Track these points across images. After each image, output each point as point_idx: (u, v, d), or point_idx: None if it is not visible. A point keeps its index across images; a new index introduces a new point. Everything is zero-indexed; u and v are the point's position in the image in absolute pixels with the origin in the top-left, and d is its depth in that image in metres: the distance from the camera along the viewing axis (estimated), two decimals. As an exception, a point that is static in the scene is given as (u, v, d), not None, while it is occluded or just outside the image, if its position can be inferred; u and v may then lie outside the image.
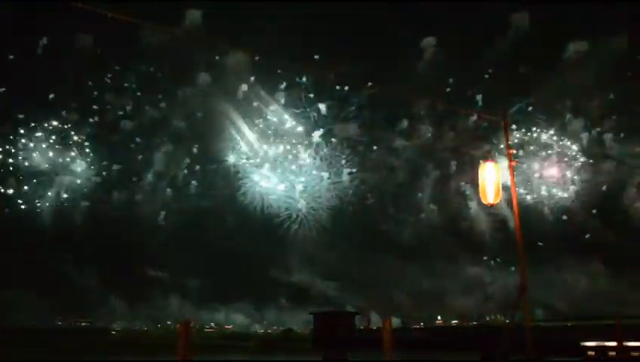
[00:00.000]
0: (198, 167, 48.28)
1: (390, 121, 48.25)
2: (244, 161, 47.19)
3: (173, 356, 13.75)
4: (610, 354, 24.17)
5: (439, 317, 48.11)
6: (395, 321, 46.04)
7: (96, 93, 45.91)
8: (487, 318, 45.38)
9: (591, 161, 44.08)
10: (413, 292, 47.36)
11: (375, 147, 48.37)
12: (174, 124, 47.72)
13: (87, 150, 45.86)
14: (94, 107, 46.06)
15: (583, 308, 43.71)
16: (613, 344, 24.61)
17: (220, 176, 48.01)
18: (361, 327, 38.42)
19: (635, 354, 24.80)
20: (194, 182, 48.53)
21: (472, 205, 46.81)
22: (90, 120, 46.07)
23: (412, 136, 48.19)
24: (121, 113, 46.90)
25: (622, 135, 44.05)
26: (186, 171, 48.35)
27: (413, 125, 48.03)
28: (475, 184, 42.57)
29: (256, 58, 46.30)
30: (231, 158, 47.28)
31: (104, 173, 46.59)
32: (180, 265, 47.85)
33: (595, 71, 43.69)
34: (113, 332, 47.33)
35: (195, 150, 48.03)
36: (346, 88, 47.12)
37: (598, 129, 44.23)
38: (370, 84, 46.84)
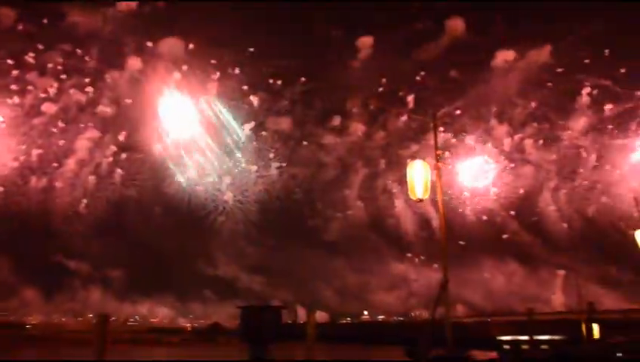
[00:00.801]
0: (124, 155, 46.79)
1: (322, 117, 48.63)
2: (172, 151, 46.23)
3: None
4: (523, 348, 25.46)
5: (365, 313, 48.97)
6: (323, 316, 46.51)
7: (16, 72, 43.61)
8: (413, 314, 46.59)
9: (512, 165, 46.38)
10: (339, 287, 47.96)
11: (305, 142, 48.61)
12: (100, 109, 45.94)
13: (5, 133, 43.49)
14: (13, 87, 43.78)
15: (501, 304, 45.84)
16: (526, 338, 25.97)
17: (146, 165, 46.77)
18: (289, 321, 38.54)
19: (545, 346, 26.24)
20: (119, 170, 47.01)
21: (399, 203, 47.94)
22: (9, 101, 43.67)
23: (343, 133, 48.81)
24: (43, 95, 44.74)
25: (541, 142, 46.68)
26: (111, 159, 46.73)
27: (345, 122, 48.66)
28: (402, 183, 44.05)
29: (191, 46, 45.90)
30: (158, 148, 46.19)
31: (22, 157, 44.33)
32: (102, 256, 46.17)
33: (520, 80, 46.02)
34: (28, 326, 44.90)
35: (121, 137, 46.49)
36: (279, 82, 47.20)
37: (520, 135, 46.63)
38: (303, 79, 47.21)
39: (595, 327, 25.20)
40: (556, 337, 28.46)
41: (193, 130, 46.32)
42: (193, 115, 46.18)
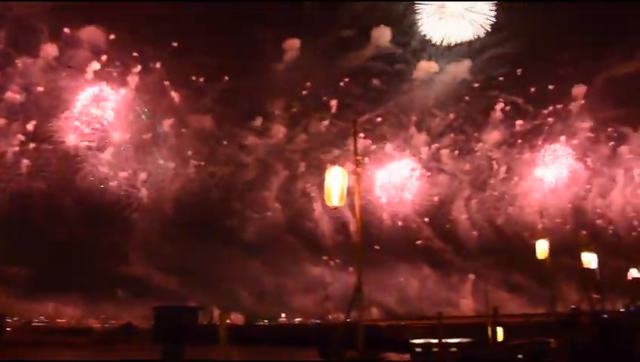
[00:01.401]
0: (32, 145, 44.39)
1: (244, 117, 48.41)
2: (86, 143, 44.46)
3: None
4: (434, 350, 26.51)
5: (283, 315, 49.10)
6: (240, 318, 46.23)
7: None
8: (330, 316, 47.18)
9: (428, 173, 48.18)
10: (256, 289, 47.84)
11: (225, 142, 48.19)
12: (9, 96, 43.39)
13: None
14: None
15: (414, 308, 47.40)
16: (437, 341, 27.08)
17: (56, 157, 44.63)
18: (205, 323, 37.95)
19: (454, 349, 27.48)
20: (25, 161, 44.51)
21: (317, 207, 48.49)
22: None
23: (265, 134, 48.79)
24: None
25: (456, 152, 48.88)
26: (17, 148, 44.22)
27: (267, 124, 48.67)
28: (320, 187, 44.59)
29: (112, 36, 44.36)
30: (71, 139, 44.25)
31: None
32: (3, 251, 43.41)
33: (439, 92, 48.02)
34: None
35: (30, 127, 44.09)
36: (202, 80, 46.58)
37: (437, 145, 48.57)
38: (227, 78, 46.82)
39: (500, 330, 26.64)
40: (464, 340, 29.79)
41: (110, 122, 44.82)
42: (110, 108, 44.70)
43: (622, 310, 29.66)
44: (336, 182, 16.73)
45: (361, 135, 43.02)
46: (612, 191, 48.54)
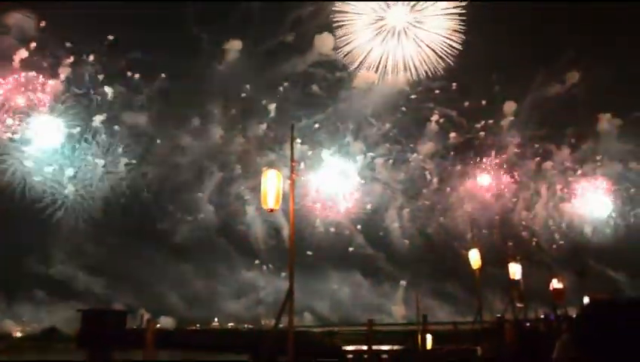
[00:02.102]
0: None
1: (180, 117, 47.71)
2: (8, 135, 42.55)
3: None
4: (364, 357, 26.96)
5: (216, 320, 48.51)
6: (170, 322, 45.25)
7: None
8: (262, 321, 47.10)
9: (362, 181, 49.06)
10: (187, 293, 47.07)
11: (159, 141, 47.34)
12: None
13: None
14: None
15: (346, 314, 48.03)
16: (367, 347, 27.60)
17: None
18: (133, 327, 36.96)
19: (384, 356, 28.06)
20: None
21: (250, 210, 48.38)
22: None
23: (201, 135, 48.26)
24: None
25: (391, 161, 50.03)
26: None
27: (204, 125, 48.18)
28: (255, 190, 44.69)
29: (43, 23, 42.68)
30: (-8, 130, 42.29)
31: None
32: None
33: (377, 102, 49.10)
34: None
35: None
36: (137, 76, 45.63)
37: (372, 154, 49.55)
38: (163, 75, 46.06)
39: (429, 338, 27.44)
40: (395, 347, 30.47)
41: (36, 114, 43.10)
42: (37, 99, 43.00)
43: (542, 317, 31.28)
44: (272, 184, 17.03)
45: (298, 140, 43.56)
46: (536, 205, 51.02)
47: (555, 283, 35.24)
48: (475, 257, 30.28)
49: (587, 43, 45.35)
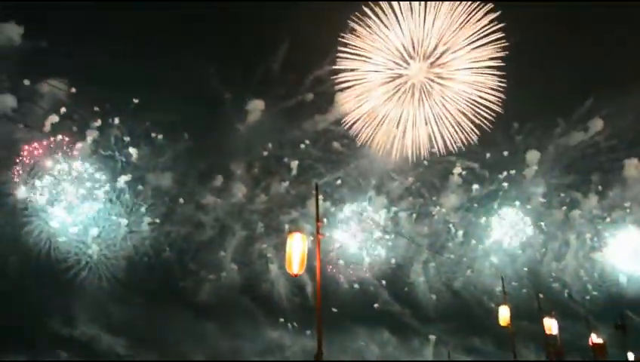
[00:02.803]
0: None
1: (203, 176, 48.80)
2: (35, 196, 43.85)
3: None
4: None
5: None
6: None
7: None
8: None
9: (386, 236, 49.18)
10: (211, 353, 46.89)
11: (182, 200, 48.26)
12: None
13: None
14: None
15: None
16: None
17: (3, 209, 43.79)
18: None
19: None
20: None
21: (273, 268, 48.61)
22: None
23: (223, 194, 49.18)
24: None
25: (414, 216, 50.22)
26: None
27: (227, 183, 49.15)
28: (278, 248, 45.05)
29: (73, 89, 44.66)
30: (21, 192, 43.63)
31: None
32: None
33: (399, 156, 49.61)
34: None
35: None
36: (161, 137, 47.06)
37: (395, 208, 49.82)
38: (187, 136, 47.45)
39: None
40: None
41: (62, 176, 44.50)
42: (65, 161, 44.53)
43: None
44: (297, 248, 17.28)
45: (320, 197, 44.06)
46: (566, 255, 50.43)
47: (595, 338, 34.44)
48: (504, 314, 29.98)
49: (609, 91, 45.84)
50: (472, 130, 45.85)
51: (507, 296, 35.55)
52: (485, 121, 45.59)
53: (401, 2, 44.53)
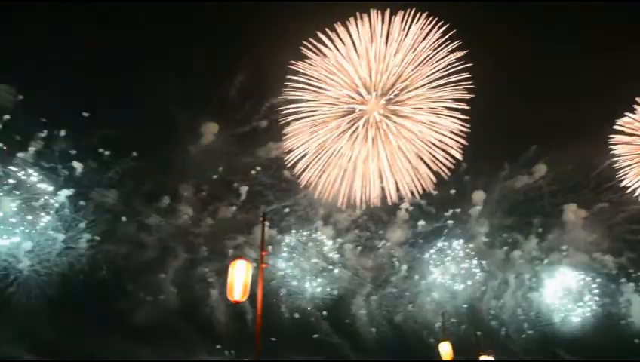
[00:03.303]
0: None
1: (149, 195, 48.23)
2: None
3: None
4: None
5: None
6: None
7: None
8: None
9: (330, 267, 49.65)
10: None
11: (125, 218, 47.50)
12: None
13: None
14: None
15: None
16: None
17: None
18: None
19: None
20: None
21: (214, 293, 48.25)
22: None
23: (169, 215, 48.72)
24: None
25: (359, 248, 51.03)
26: None
27: (173, 205, 48.76)
28: (220, 273, 44.74)
29: (20, 97, 43.59)
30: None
31: None
32: None
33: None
34: None
35: None
36: (108, 153, 46.42)
37: (341, 240, 50.52)
38: (135, 153, 46.95)
39: None
40: None
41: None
42: (2, 170, 43.24)
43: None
44: (239, 276, 17.59)
45: (267, 224, 44.24)
46: (505, 294, 52.17)
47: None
48: (446, 350, 30.75)
49: (554, 138, 48.27)
50: (429, 176, 46.67)
51: (447, 331, 36.60)
52: (444, 168, 46.57)
53: (360, 30, 44.62)
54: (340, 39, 44.91)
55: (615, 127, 48.07)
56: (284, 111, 45.95)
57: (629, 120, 48.20)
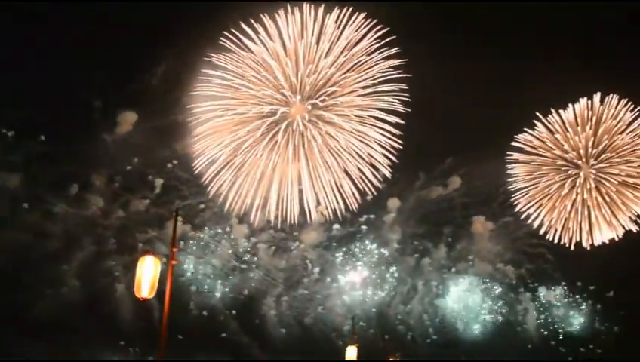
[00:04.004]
0: None
1: (57, 183, 46.40)
2: None
3: None
4: None
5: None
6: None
7: None
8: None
9: (242, 266, 49.79)
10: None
11: (27, 205, 45.51)
12: None
13: None
14: None
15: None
16: None
17: None
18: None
19: None
20: None
21: (120, 288, 47.13)
22: None
23: (77, 204, 47.06)
24: None
25: (273, 249, 51.47)
26: None
27: (83, 194, 47.16)
28: (128, 267, 43.78)
29: None
30: None
31: None
32: None
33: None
34: None
35: None
36: (11, 134, 44.38)
37: (255, 239, 50.81)
38: (43, 137, 45.11)
39: None
40: None
41: None
42: None
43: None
44: (148, 272, 17.40)
45: (180, 219, 43.68)
46: (412, 300, 54.26)
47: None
48: (351, 355, 31.54)
49: (469, 152, 50.62)
50: (352, 193, 47.21)
51: (356, 335, 37.59)
52: (370, 186, 47.32)
53: (290, 24, 43.41)
54: (268, 33, 44.47)
55: (513, 143, 51.87)
56: (198, 109, 45.35)
57: (530, 137, 51.48)
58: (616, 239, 51.29)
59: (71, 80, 45.01)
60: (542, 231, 52.53)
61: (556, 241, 52.23)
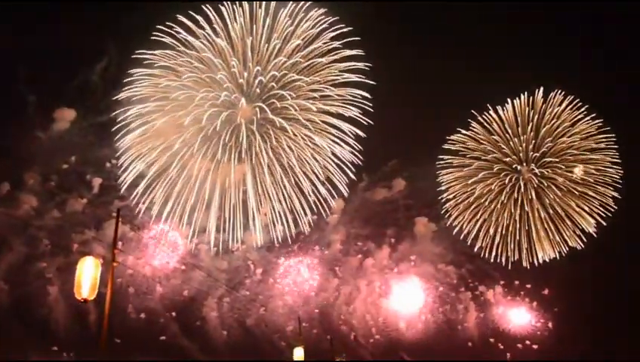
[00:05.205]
0: None
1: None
2: None
3: None
4: None
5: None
6: None
7: None
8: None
9: (183, 267, 49.58)
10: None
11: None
12: None
13: None
14: None
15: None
16: None
17: None
18: None
19: None
20: None
21: (53, 291, 46.11)
22: None
23: (9, 203, 45.78)
24: None
25: (215, 249, 51.43)
26: None
27: (15, 193, 45.90)
28: (62, 269, 42.82)
29: None
30: None
31: None
32: None
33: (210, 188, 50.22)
34: None
35: None
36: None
37: (197, 240, 50.67)
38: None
39: None
40: None
41: None
42: None
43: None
44: (88, 273, 17.48)
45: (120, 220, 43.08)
46: (356, 300, 55.30)
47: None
48: (299, 355, 32.24)
49: (413, 156, 51.94)
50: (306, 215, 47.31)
51: (300, 334, 38.24)
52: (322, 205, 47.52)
53: (237, 18, 41.83)
54: (211, 25, 43.55)
55: (445, 145, 53.39)
56: (128, 112, 44.74)
57: (462, 138, 52.82)
58: (558, 258, 52.42)
59: (5, 72, 44.01)
60: (476, 248, 54.20)
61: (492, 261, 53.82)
